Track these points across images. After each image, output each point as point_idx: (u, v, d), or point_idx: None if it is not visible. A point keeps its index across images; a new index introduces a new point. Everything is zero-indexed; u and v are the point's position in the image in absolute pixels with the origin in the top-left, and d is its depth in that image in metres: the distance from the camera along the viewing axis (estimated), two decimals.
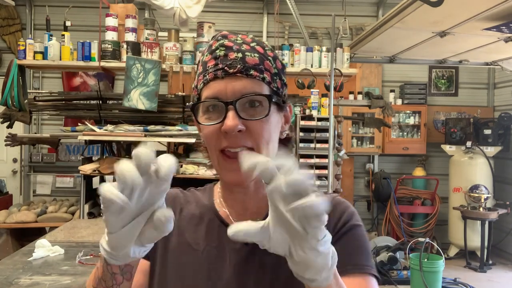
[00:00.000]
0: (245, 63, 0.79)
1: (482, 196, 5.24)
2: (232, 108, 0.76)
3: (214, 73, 0.79)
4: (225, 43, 0.81)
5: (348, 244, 0.80)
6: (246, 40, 0.84)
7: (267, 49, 0.84)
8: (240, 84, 0.78)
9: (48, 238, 2.35)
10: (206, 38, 4.09)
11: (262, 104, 0.79)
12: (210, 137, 0.79)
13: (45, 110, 4.47)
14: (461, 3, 2.88)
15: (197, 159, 4.03)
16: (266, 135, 0.79)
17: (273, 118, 0.80)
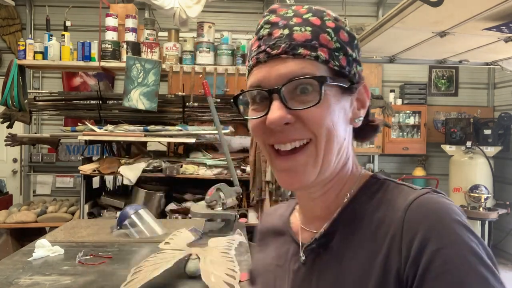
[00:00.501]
0: (291, 40, 0.64)
1: (482, 196, 5.24)
2: (276, 97, 0.63)
3: (256, 57, 0.66)
4: (271, 19, 0.67)
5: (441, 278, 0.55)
6: (298, 11, 0.67)
7: (326, 19, 0.67)
8: (285, 67, 0.63)
9: (48, 238, 2.35)
10: (206, 38, 4.09)
11: (314, 88, 0.63)
12: (256, 133, 0.67)
13: (45, 110, 4.47)
14: (461, 3, 2.88)
15: (197, 159, 4.03)
16: (324, 124, 0.64)
17: (333, 103, 0.64)
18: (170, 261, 1.71)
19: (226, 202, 2.57)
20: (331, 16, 0.69)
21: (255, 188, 3.78)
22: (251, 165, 3.82)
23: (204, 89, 3.55)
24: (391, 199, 0.65)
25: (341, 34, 0.67)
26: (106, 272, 1.85)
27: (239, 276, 1.70)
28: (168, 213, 3.94)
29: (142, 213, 2.52)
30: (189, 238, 2.12)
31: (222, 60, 4.11)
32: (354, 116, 0.69)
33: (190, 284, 1.70)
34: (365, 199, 0.68)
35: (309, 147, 0.65)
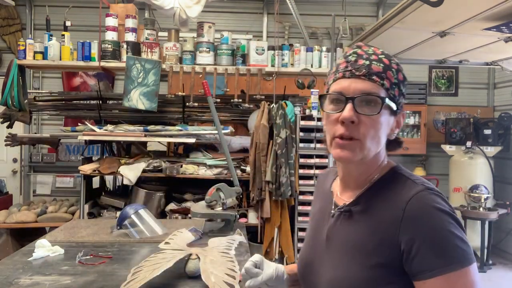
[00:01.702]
0: (370, 69, 0.95)
1: (482, 196, 5.24)
2: (350, 103, 0.93)
3: (343, 73, 0.97)
4: (358, 51, 0.99)
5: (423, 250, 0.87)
6: (376, 52, 0.99)
7: (392, 62, 0.99)
8: (361, 85, 0.94)
9: (48, 238, 2.35)
10: (206, 38, 4.09)
11: (376, 104, 0.94)
12: (330, 123, 0.97)
13: (45, 110, 4.47)
14: (461, 3, 2.88)
15: (197, 159, 4.03)
16: (372, 131, 0.95)
17: (383, 118, 0.95)
18: (170, 261, 1.71)
19: (226, 202, 2.57)
20: (395, 61, 1.00)
21: (255, 188, 3.78)
22: (251, 165, 3.82)
23: (204, 89, 3.55)
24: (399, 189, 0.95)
25: (399, 74, 0.98)
26: (106, 272, 1.85)
27: (239, 276, 1.70)
28: (168, 213, 3.94)
29: (142, 213, 2.52)
30: (189, 238, 2.12)
31: (222, 60, 4.11)
32: (391, 131, 1.00)
33: (190, 284, 1.70)
34: (382, 186, 0.99)
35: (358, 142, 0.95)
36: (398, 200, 0.93)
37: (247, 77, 4.07)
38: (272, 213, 3.78)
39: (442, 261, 0.85)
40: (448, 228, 0.87)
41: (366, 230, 0.94)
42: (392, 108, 0.96)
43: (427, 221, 0.88)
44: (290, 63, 4.16)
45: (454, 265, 0.84)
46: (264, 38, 5.99)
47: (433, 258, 0.85)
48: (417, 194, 0.92)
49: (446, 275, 0.84)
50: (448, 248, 0.86)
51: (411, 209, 0.90)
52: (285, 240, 3.81)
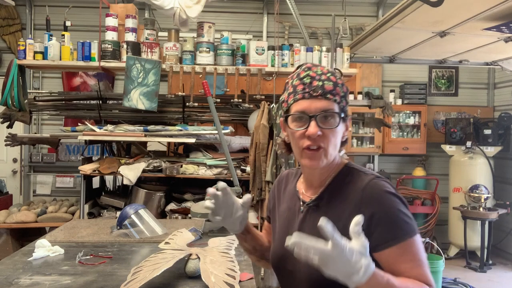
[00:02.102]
0: (324, 89, 1.12)
1: (482, 196, 5.24)
2: (314, 120, 1.11)
3: (302, 94, 1.14)
4: (310, 74, 1.15)
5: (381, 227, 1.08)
6: (323, 71, 1.16)
7: (337, 78, 1.17)
8: (320, 104, 1.12)
9: (48, 238, 2.35)
10: (206, 38, 4.09)
11: (334, 118, 1.13)
12: (297, 138, 1.14)
13: (45, 110, 4.47)
14: (461, 3, 2.88)
15: (197, 159, 4.03)
16: (333, 140, 1.14)
17: (339, 127, 1.15)
18: (170, 261, 1.71)
19: None
20: (338, 75, 1.17)
21: (255, 188, 3.78)
22: (251, 165, 3.82)
23: (204, 89, 3.55)
24: (354, 181, 1.16)
25: (344, 87, 1.17)
26: (106, 272, 1.85)
27: (239, 276, 1.70)
28: (168, 213, 3.94)
29: (142, 213, 2.52)
30: (189, 238, 2.12)
31: (222, 60, 4.11)
32: (343, 135, 1.19)
33: (190, 284, 1.70)
34: (340, 180, 1.19)
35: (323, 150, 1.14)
36: (355, 189, 1.13)
37: (247, 77, 4.07)
38: None
39: (394, 234, 1.06)
40: (397, 207, 1.08)
41: (332, 217, 1.02)
42: (344, 117, 1.16)
43: (381, 202, 1.08)
44: (290, 63, 4.16)
45: (404, 236, 1.06)
46: (264, 38, 6.00)
47: (387, 232, 1.06)
48: (370, 182, 1.12)
49: (399, 245, 1.05)
50: (398, 224, 1.07)
51: (367, 194, 1.10)
52: None
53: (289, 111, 1.17)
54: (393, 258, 1.06)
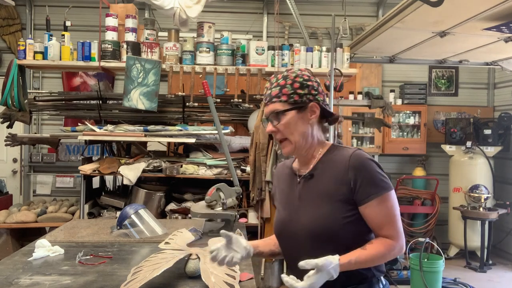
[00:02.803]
0: (270, 95, 1.46)
1: (482, 196, 5.24)
2: (269, 121, 1.47)
3: (264, 102, 1.52)
4: (267, 85, 1.50)
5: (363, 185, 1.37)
6: (278, 77, 1.47)
7: (288, 79, 1.45)
8: (270, 107, 1.46)
9: (48, 238, 2.35)
10: (206, 38, 4.09)
11: (281, 115, 1.44)
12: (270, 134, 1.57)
13: (45, 110, 4.47)
14: (461, 3, 2.88)
15: (197, 159, 4.03)
16: (287, 130, 1.44)
17: (291, 119, 1.43)
18: (170, 261, 1.71)
19: (226, 202, 2.57)
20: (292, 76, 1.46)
21: (255, 188, 3.78)
22: (251, 165, 3.82)
23: (204, 89, 3.55)
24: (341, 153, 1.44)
25: (295, 84, 1.44)
26: (106, 272, 1.85)
27: (239, 276, 1.70)
28: (168, 213, 3.94)
29: (142, 213, 2.52)
30: (189, 238, 2.12)
31: (222, 60, 4.11)
32: (309, 119, 1.45)
33: (190, 284, 1.70)
34: (328, 155, 1.48)
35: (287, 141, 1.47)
36: (342, 159, 1.42)
37: (247, 77, 4.07)
38: (272, 213, 3.78)
39: (374, 189, 1.36)
40: (375, 169, 1.38)
41: (326, 182, 1.43)
42: (298, 107, 1.43)
43: (363, 166, 1.38)
44: (290, 63, 4.16)
45: (381, 191, 1.36)
46: (264, 38, 5.99)
47: (369, 188, 1.36)
48: (354, 152, 1.41)
49: (377, 198, 1.36)
50: (376, 182, 1.37)
51: (352, 161, 1.39)
52: None
53: None
54: (373, 211, 1.36)
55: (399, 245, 1.37)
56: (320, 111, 1.46)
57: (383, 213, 1.36)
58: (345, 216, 1.37)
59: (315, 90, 1.45)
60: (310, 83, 1.45)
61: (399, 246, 1.37)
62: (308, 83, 1.44)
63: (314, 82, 1.46)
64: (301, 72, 1.46)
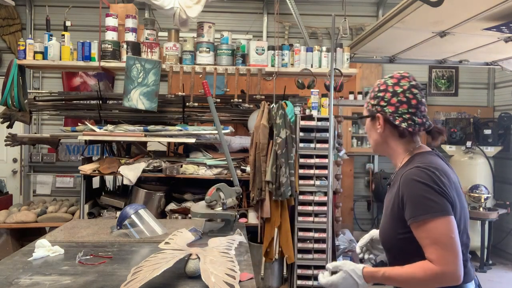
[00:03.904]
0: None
1: (482, 196, 5.24)
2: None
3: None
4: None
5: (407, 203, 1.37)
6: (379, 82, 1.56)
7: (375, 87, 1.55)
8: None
9: (48, 238, 2.35)
10: (206, 38, 4.09)
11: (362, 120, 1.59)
12: None
13: (45, 110, 4.47)
14: (461, 3, 2.88)
15: (197, 159, 4.03)
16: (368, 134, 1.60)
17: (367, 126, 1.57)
18: (170, 261, 1.71)
19: (226, 202, 2.57)
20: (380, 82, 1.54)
21: (255, 188, 3.78)
22: (251, 165, 3.82)
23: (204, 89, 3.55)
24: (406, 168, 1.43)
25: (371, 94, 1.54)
26: (106, 272, 1.85)
27: (239, 276, 1.70)
28: (168, 213, 3.94)
29: (142, 213, 2.52)
30: (189, 238, 2.12)
31: (222, 60, 4.11)
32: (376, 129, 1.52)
33: (190, 284, 1.70)
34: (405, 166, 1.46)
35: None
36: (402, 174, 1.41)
37: (247, 77, 4.07)
38: (272, 213, 3.78)
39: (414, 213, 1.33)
40: (419, 192, 1.33)
41: (393, 194, 1.44)
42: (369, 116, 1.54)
43: (408, 187, 1.36)
44: (290, 63, 4.16)
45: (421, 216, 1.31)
46: (264, 38, 6.00)
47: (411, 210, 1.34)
48: (409, 170, 1.39)
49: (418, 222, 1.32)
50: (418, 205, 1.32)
51: (403, 180, 1.39)
52: (285, 240, 3.81)
53: None
54: (416, 232, 1.34)
55: (440, 271, 1.26)
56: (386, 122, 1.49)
57: (424, 235, 1.31)
58: (399, 232, 1.39)
59: (385, 101, 1.47)
60: (382, 94, 1.48)
61: (441, 272, 1.26)
62: (380, 94, 1.49)
63: (388, 93, 1.47)
64: (383, 81, 1.51)
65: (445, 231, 1.28)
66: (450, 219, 1.30)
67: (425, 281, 1.28)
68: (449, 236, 1.28)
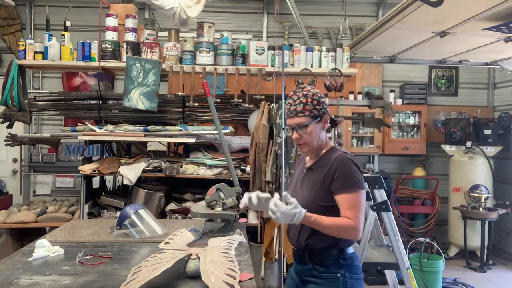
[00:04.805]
0: (296, 111, 1.89)
1: (482, 196, 5.24)
2: (294, 130, 1.90)
3: (287, 115, 1.91)
4: (290, 101, 1.92)
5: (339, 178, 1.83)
6: (298, 96, 1.90)
7: (308, 98, 1.89)
8: (295, 120, 1.89)
9: (48, 238, 2.35)
10: (206, 38, 4.09)
11: (304, 127, 1.88)
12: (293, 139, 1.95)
13: (45, 110, 4.47)
14: (461, 3, 2.88)
15: (197, 159, 4.03)
16: (308, 136, 1.90)
17: (311, 128, 1.89)
18: (170, 261, 1.71)
19: (226, 202, 2.57)
20: (310, 94, 1.90)
21: (255, 188, 3.78)
22: (251, 165, 3.82)
23: (204, 89, 3.55)
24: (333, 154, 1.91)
25: (314, 101, 1.89)
26: (106, 272, 1.85)
27: (239, 276, 1.70)
28: (168, 213, 3.94)
29: (142, 213, 2.52)
30: (189, 238, 2.12)
31: (222, 60, 4.11)
32: (323, 128, 1.94)
33: (190, 284, 1.70)
34: (325, 155, 1.94)
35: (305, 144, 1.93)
36: (332, 158, 1.87)
37: (247, 77, 4.07)
38: None
39: (345, 185, 1.80)
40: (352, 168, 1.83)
41: (318, 174, 1.89)
42: (316, 119, 1.89)
43: (342, 164, 1.83)
44: (290, 63, 4.16)
45: (350, 189, 1.80)
46: (264, 38, 5.99)
47: (341, 183, 1.81)
48: (339, 154, 1.88)
49: (346, 194, 1.79)
50: (349, 179, 1.81)
51: (336, 160, 1.85)
52: (285, 240, 3.81)
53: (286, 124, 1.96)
54: (342, 202, 1.80)
55: (355, 226, 1.75)
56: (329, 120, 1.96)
57: (346, 201, 1.78)
58: (324, 205, 1.84)
59: (325, 104, 1.92)
60: (323, 99, 1.91)
61: (354, 226, 1.75)
62: (322, 99, 1.91)
63: (323, 98, 1.93)
64: (315, 90, 1.91)
65: (361, 201, 1.80)
66: (364, 192, 1.82)
67: (342, 229, 1.76)
68: (362, 204, 1.80)
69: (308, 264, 1.90)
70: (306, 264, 1.90)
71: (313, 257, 1.89)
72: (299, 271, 1.95)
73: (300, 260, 1.94)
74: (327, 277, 1.86)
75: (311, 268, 1.89)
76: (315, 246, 1.87)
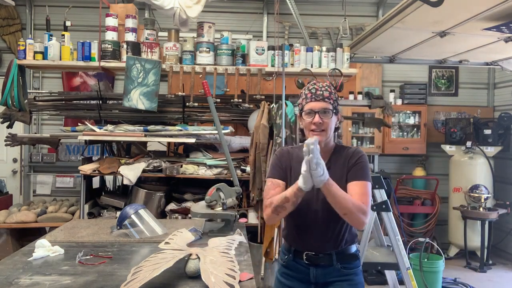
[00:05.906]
0: (323, 96, 1.89)
1: (482, 196, 5.24)
2: (318, 114, 1.87)
3: (311, 99, 1.90)
4: (316, 86, 1.92)
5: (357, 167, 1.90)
6: (323, 85, 1.93)
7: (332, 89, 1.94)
8: (321, 104, 1.88)
9: (48, 238, 2.35)
10: (206, 38, 4.09)
11: (328, 112, 1.88)
12: (308, 124, 1.89)
13: (45, 110, 4.47)
14: (461, 3, 2.88)
15: (197, 159, 4.03)
16: (329, 125, 1.89)
17: (333, 118, 1.90)
18: (170, 261, 1.71)
19: (226, 202, 2.57)
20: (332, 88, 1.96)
21: (255, 188, 3.78)
22: (251, 165, 3.82)
23: (204, 89, 3.55)
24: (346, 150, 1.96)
25: (335, 95, 1.94)
26: (106, 272, 1.85)
27: (239, 276, 1.70)
28: (168, 213, 3.94)
29: (142, 213, 2.52)
30: (189, 238, 2.12)
31: (222, 60, 4.11)
32: (336, 124, 1.96)
33: (190, 284, 1.70)
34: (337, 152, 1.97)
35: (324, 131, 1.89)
36: (348, 153, 1.94)
37: (247, 77, 4.07)
38: None
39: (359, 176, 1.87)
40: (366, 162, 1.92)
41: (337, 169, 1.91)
42: (335, 112, 1.91)
43: (359, 157, 1.91)
44: (290, 63, 4.16)
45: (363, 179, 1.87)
46: (264, 38, 5.99)
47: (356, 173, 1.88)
48: (355, 148, 1.96)
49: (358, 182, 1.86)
50: (363, 171, 1.88)
51: (353, 153, 1.92)
52: None
53: (303, 109, 1.92)
54: (356, 188, 1.85)
55: (366, 210, 1.79)
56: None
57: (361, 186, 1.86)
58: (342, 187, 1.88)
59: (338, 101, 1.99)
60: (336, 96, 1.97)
61: (366, 210, 1.79)
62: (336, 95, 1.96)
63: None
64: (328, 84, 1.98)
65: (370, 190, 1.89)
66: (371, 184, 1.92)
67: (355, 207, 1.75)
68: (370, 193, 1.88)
69: (334, 265, 1.91)
70: (332, 266, 1.91)
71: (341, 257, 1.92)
72: (320, 275, 1.93)
73: (324, 264, 1.92)
74: (356, 272, 1.95)
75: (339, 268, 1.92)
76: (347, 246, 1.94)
